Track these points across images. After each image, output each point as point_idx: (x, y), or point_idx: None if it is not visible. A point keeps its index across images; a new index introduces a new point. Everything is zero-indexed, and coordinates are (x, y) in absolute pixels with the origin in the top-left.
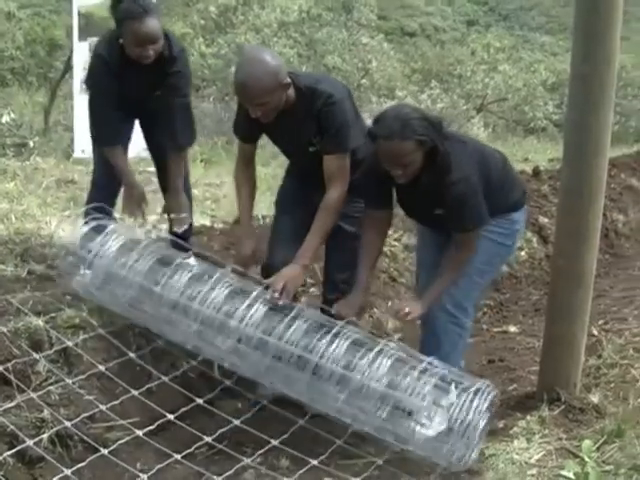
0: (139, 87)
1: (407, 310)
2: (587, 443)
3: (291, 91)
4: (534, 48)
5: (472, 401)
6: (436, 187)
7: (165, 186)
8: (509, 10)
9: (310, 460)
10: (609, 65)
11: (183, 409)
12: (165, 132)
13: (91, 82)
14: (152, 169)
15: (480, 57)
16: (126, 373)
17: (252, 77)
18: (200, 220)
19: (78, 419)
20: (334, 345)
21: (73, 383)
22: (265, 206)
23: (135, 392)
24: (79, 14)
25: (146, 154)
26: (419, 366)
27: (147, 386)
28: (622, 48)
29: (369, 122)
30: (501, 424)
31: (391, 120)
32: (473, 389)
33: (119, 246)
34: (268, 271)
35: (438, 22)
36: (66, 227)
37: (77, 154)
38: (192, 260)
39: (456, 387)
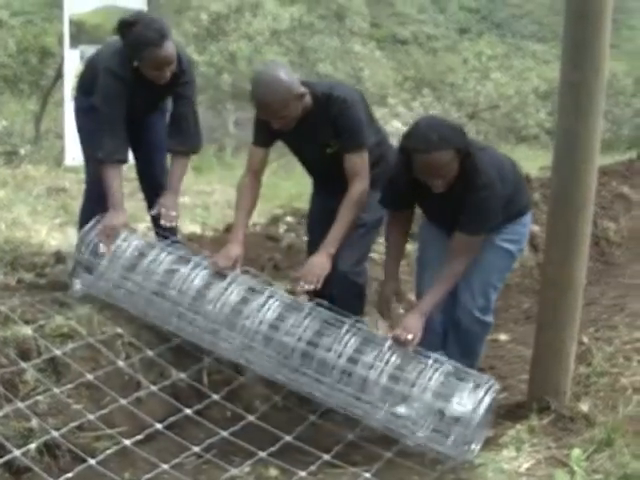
0: (148, 102)
1: (410, 336)
2: (576, 452)
3: (308, 99)
4: (526, 56)
5: (475, 394)
6: (462, 192)
7: (148, 189)
8: (501, 18)
9: (298, 471)
10: (598, 73)
11: (171, 419)
12: (174, 137)
13: (106, 100)
14: None
15: (472, 65)
16: (115, 382)
17: (269, 95)
18: (190, 227)
19: (66, 429)
20: (345, 339)
21: (61, 392)
22: (256, 213)
23: (124, 401)
24: (70, 22)
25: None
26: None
27: (135, 395)
28: (613, 56)
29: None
30: (491, 433)
31: (426, 132)
32: (477, 383)
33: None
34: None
35: (430, 30)
36: (56, 235)
37: (68, 162)
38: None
39: (461, 380)
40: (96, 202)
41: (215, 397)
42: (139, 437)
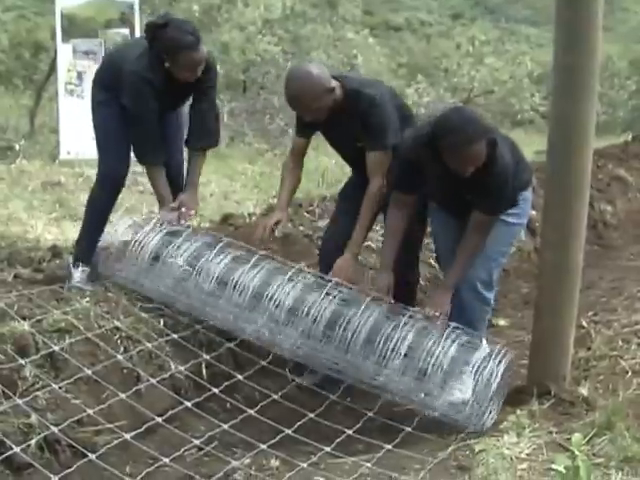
0: (173, 100)
1: (439, 312)
2: (577, 437)
3: (339, 92)
4: (520, 40)
5: (489, 364)
6: (478, 176)
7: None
8: (494, 3)
9: (299, 463)
10: (592, 55)
11: (171, 412)
12: (194, 134)
13: (140, 106)
14: (138, 169)
15: (465, 50)
16: (114, 376)
17: (301, 90)
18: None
19: (65, 424)
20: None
21: (60, 388)
22: (252, 204)
23: (123, 395)
24: (62, 15)
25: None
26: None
27: (135, 388)
28: (607, 38)
29: None
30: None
31: (463, 126)
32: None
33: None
34: (323, 246)
35: (424, 16)
36: (52, 230)
37: (63, 156)
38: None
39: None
40: (109, 193)
41: (215, 390)
42: (139, 430)
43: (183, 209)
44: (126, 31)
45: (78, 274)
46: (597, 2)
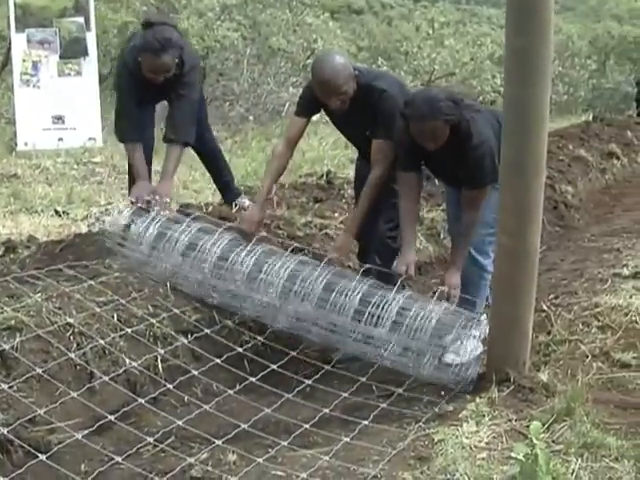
0: (151, 94)
1: (453, 289)
2: (535, 424)
3: (353, 83)
4: (481, 22)
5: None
6: (459, 151)
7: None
8: None
9: (256, 458)
10: (544, 38)
11: (125, 409)
12: (168, 128)
13: (118, 85)
14: (96, 160)
15: (426, 32)
16: (67, 373)
17: (331, 73)
18: None
19: (17, 423)
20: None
21: (10, 387)
22: (211, 192)
23: (75, 394)
24: (15, 5)
25: (90, 144)
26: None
27: (88, 386)
28: (568, 18)
29: None
30: (450, 407)
31: (420, 103)
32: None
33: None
34: None
35: None
36: (7, 223)
37: (20, 147)
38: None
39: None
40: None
41: (170, 386)
42: (92, 429)
43: (157, 197)
44: (81, 19)
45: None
46: None
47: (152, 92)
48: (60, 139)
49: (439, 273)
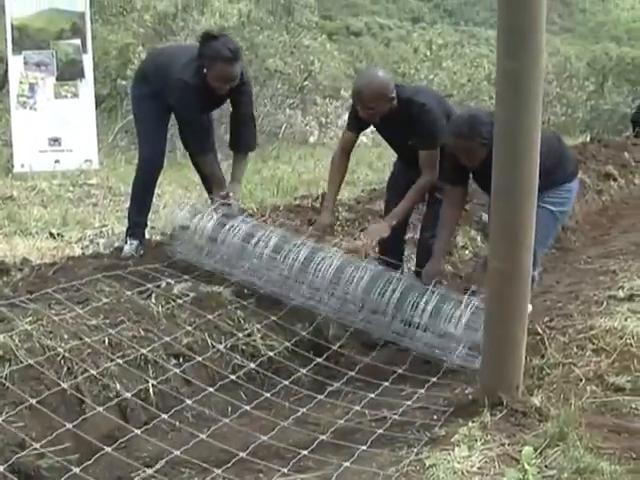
0: (210, 104)
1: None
2: (527, 450)
3: (395, 100)
4: (479, 43)
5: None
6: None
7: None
8: (454, 5)
9: None
10: (535, 61)
11: (119, 439)
12: (233, 137)
13: (187, 109)
14: (92, 181)
15: (424, 54)
16: (57, 399)
17: (366, 87)
18: None
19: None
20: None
21: None
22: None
23: (69, 425)
24: (12, 27)
25: (86, 166)
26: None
27: (81, 418)
28: (566, 40)
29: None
30: (442, 431)
31: (462, 122)
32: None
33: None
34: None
35: (383, 20)
36: (1, 246)
37: (17, 169)
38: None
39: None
40: (148, 176)
41: (164, 416)
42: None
43: (231, 194)
44: (78, 41)
45: (127, 247)
46: (540, 7)
47: (209, 104)
48: (57, 161)
49: None
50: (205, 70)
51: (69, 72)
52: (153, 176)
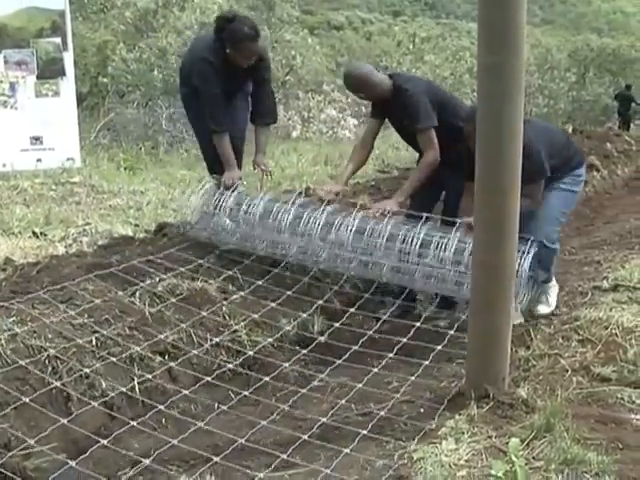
0: (234, 83)
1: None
2: (514, 442)
3: (387, 87)
4: (461, 36)
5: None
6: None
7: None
8: None
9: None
10: (516, 55)
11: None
12: (257, 108)
13: (206, 83)
14: (75, 180)
15: (405, 47)
16: (44, 397)
17: (348, 77)
18: (122, 230)
19: None
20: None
21: None
22: (190, 211)
23: (62, 420)
24: None
25: (69, 164)
26: None
27: (72, 416)
28: (547, 32)
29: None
30: (430, 425)
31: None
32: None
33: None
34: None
35: (365, 14)
36: None
37: None
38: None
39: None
40: (212, 162)
41: (161, 407)
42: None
43: (262, 166)
44: (58, 40)
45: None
46: (521, 1)
47: (233, 82)
48: (39, 160)
49: None
50: (228, 51)
51: (50, 70)
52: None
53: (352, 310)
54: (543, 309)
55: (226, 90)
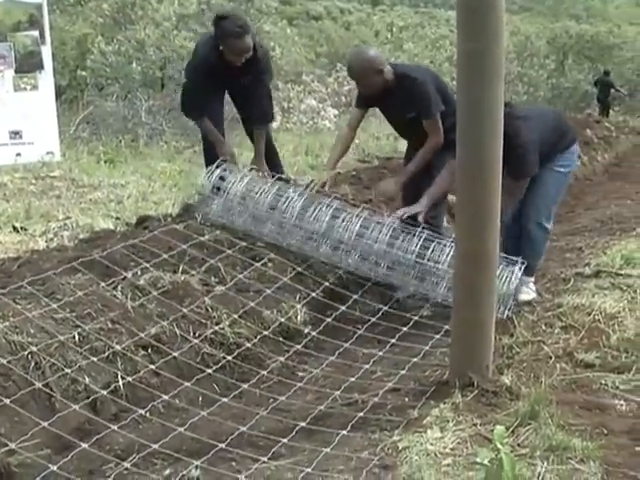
0: (230, 77)
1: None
2: (499, 429)
3: (389, 76)
4: (439, 24)
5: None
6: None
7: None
8: None
9: (221, 471)
10: (495, 40)
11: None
12: (252, 111)
13: (191, 72)
14: (55, 174)
15: (384, 37)
16: (26, 394)
17: (354, 62)
18: (102, 223)
19: None
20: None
21: None
22: (170, 203)
23: (45, 423)
24: None
25: (48, 158)
26: None
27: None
28: (526, 19)
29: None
30: (415, 414)
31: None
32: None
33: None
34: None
35: (343, 4)
36: None
37: None
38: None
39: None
40: (210, 149)
41: (141, 411)
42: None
43: (264, 172)
44: (36, 33)
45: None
46: None
47: (227, 80)
48: (18, 154)
49: None
50: (221, 47)
51: (28, 64)
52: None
53: (344, 308)
54: (526, 296)
55: (220, 86)
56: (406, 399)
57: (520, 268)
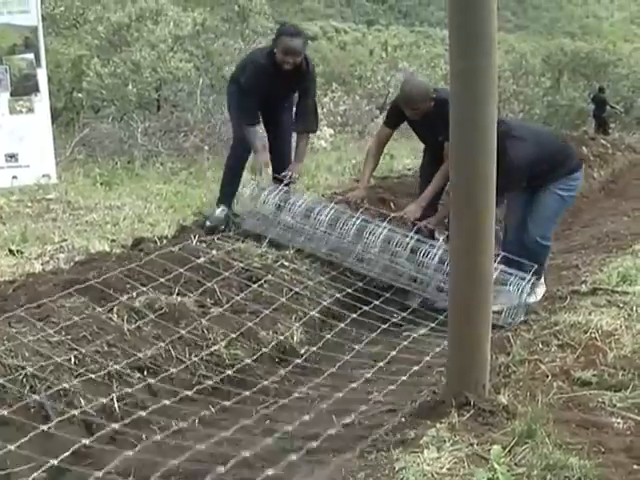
0: (281, 86)
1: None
2: (496, 449)
3: (429, 103)
4: (435, 43)
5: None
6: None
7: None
8: (408, 7)
9: None
10: (488, 59)
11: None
12: (298, 118)
13: (248, 80)
14: (51, 196)
15: (379, 56)
16: (22, 415)
17: (413, 91)
18: (98, 246)
19: None
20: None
21: None
22: (166, 225)
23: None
24: None
25: (44, 181)
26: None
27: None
28: (521, 37)
29: None
30: (412, 434)
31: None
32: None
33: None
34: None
35: (338, 24)
36: None
37: None
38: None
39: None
40: (240, 153)
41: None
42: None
43: (292, 173)
44: (31, 56)
45: (218, 211)
46: (490, 5)
47: (279, 87)
48: (14, 177)
49: None
50: (275, 50)
51: (23, 87)
52: (243, 154)
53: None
54: (529, 299)
55: (270, 92)
56: (402, 419)
57: (529, 278)
